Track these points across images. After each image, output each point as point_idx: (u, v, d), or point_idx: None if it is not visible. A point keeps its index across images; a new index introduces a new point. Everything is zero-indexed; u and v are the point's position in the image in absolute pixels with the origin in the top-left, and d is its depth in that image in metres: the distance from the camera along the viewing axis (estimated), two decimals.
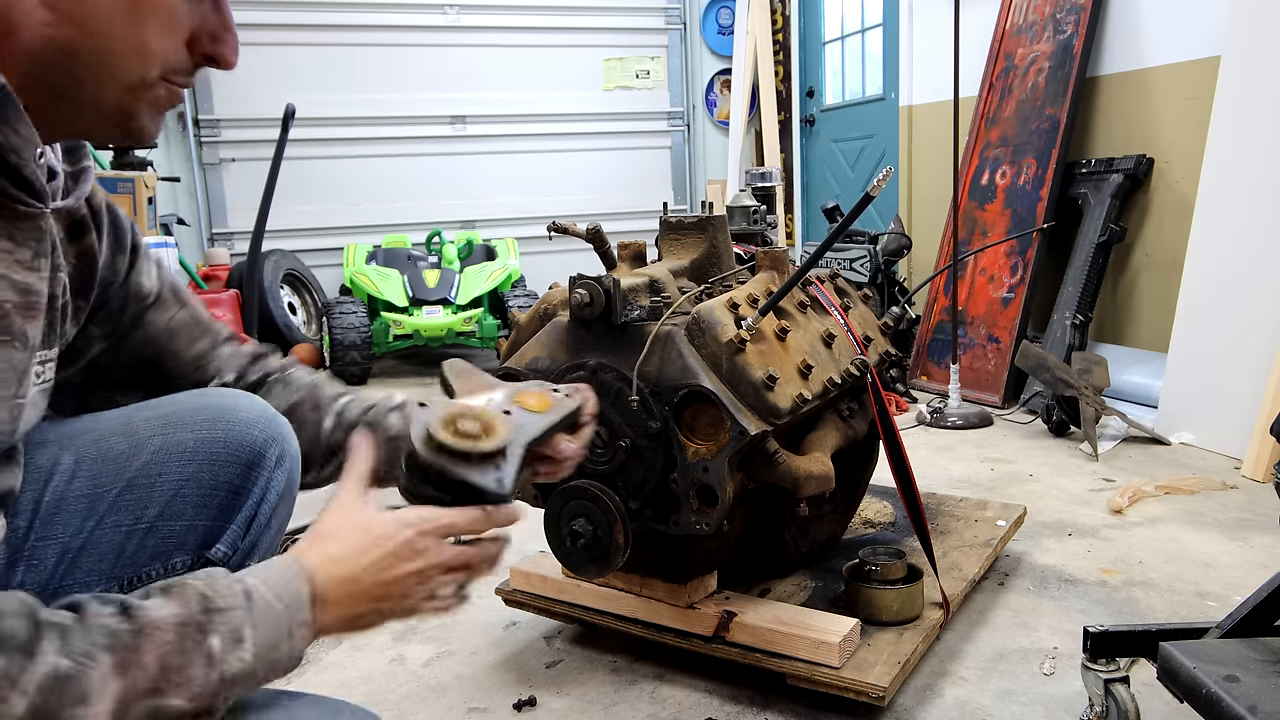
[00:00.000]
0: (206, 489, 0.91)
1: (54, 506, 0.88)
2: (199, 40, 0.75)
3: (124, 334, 0.96)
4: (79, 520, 0.88)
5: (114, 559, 0.88)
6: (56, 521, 0.87)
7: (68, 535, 0.87)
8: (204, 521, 0.91)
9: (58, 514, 0.87)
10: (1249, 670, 1.07)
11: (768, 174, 2.30)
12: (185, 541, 0.91)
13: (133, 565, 0.89)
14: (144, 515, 0.89)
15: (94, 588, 0.87)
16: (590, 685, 1.63)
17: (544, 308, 1.64)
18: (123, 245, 0.93)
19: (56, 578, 0.87)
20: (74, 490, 0.88)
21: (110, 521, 0.88)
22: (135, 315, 0.96)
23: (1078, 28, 3.59)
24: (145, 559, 0.89)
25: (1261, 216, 2.77)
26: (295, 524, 1.09)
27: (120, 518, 0.88)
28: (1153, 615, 1.81)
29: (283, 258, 4.98)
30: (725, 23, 6.21)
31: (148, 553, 0.89)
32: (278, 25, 5.30)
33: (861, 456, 1.85)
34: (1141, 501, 2.40)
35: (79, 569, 0.87)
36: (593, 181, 6.04)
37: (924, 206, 4.72)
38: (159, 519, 0.89)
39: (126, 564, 0.89)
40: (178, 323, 1.00)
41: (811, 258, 1.49)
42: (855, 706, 1.49)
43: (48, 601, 0.64)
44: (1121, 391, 3.31)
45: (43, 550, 0.86)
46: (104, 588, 0.88)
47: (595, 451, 1.48)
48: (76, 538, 0.87)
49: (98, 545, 0.88)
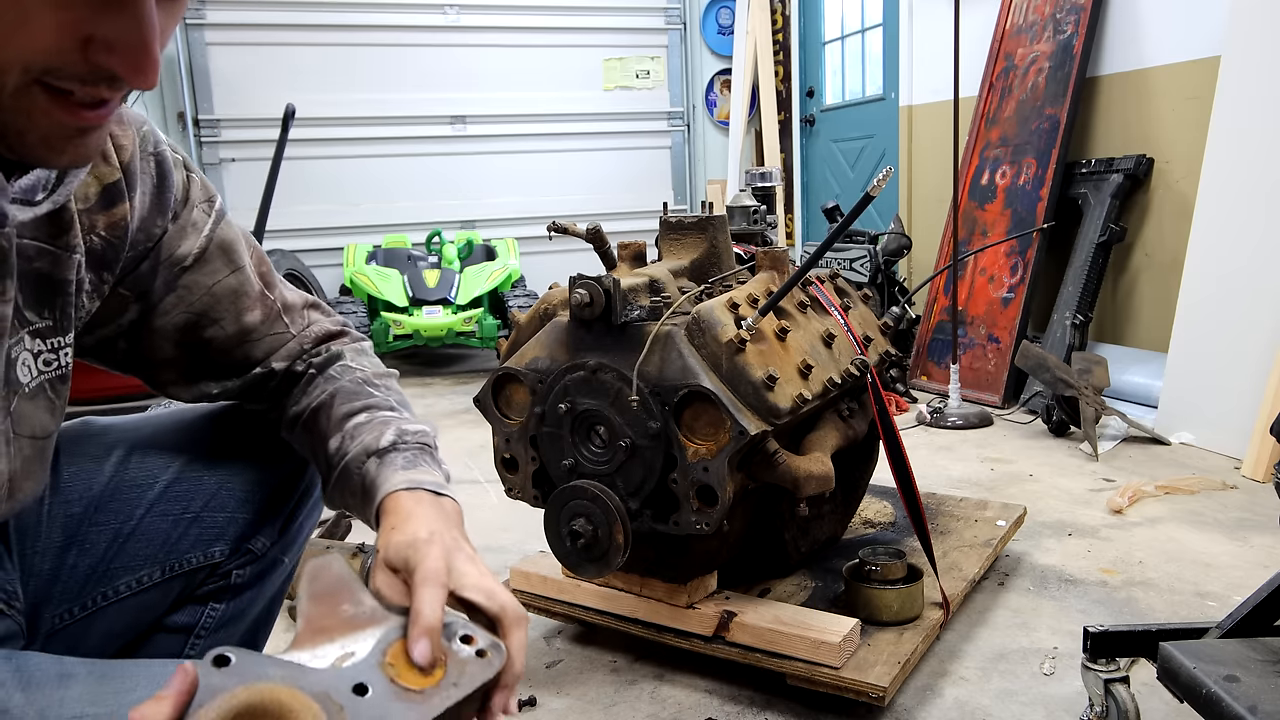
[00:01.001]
0: (249, 485, 0.97)
1: (109, 494, 0.92)
2: (94, 44, 0.57)
3: (157, 299, 0.89)
4: (130, 508, 0.93)
5: (160, 545, 0.94)
6: (110, 509, 0.92)
7: (119, 521, 0.92)
8: (245, 515, 0.97)
9: (111, 501, 0.92)
10: (1249, 670, 1.07)
11: (768, 174, 2.30)
12: (226, 532, 0.96)
13: (176, 552, 0.94)
14: (190, 506, 0.94)
15: (139, 572, 0.93)
16: (590, 685, 1.63)
17: (544, 308, 1.64)
18: (164, 206, 0.86)
19: (106, 560, 0.91)
20: (127, 480, 0.93)
21: (159, 510, 0.94)
22: (168, 280, 0.88)
23: (1078, 28, 3.59)
24: (188, 546, 0.95)
25: (1261, 216, 2.77)
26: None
27: (169, 507, 0.94)
28: (1153, 615, 1.81)
29: (283, 258, 4.97)
30: (725, 23, 6.21)
31: (190, 540, 0.94)
32: (278, 25, 5.30)
33: (861, 456, 1.85)
34: (1141, 501, 2.40)
35: (126, 553, 0.92)
36: (593, 181, 6.04)
37: (924, 206, 4.72)
38: (204, 510, 0.95)
39: (171, 550, 0.94)
40: (223, 288, 0.91)
41: (811, 258, 1.49)
42: (855, 706, 1.49)
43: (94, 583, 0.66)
44: (1121, 391, 3.31)
45: (95, 534, 0.91)
46: (146, 572, 0.93)
47: (595, 451, 1.48)
48: (127, 524, 0.92)
49: (146, 532, 0.93)
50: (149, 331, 0.90)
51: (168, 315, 0.90)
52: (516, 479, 1.60)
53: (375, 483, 0.84)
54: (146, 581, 0.93)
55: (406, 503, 0.81)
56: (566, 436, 1.49)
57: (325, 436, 0.91)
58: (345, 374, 0.96)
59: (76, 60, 0.57)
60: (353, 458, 0.87)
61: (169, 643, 0.98)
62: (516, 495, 1.63)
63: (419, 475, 0.84)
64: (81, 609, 0.90)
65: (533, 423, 1.54)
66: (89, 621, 0.91)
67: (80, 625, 0.90)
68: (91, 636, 0.91)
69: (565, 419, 1.49)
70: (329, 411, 0.92)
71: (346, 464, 0.88)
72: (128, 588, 0.92)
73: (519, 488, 1.61)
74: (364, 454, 0.87)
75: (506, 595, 0.74)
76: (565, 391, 1.48)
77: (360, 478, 0.86)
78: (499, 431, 1.60)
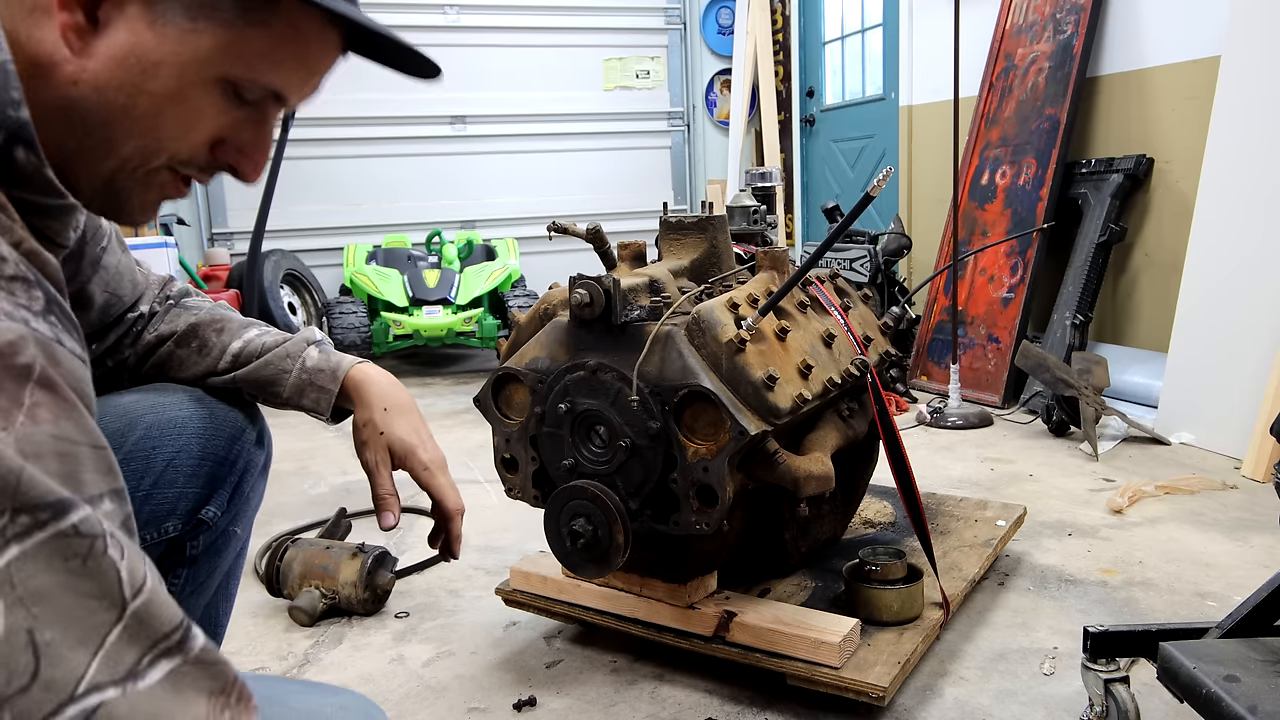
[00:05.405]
0: (196, 459, 1.00)
1: None
2: (225, 147, 0.71)
3: (85, 280, 0.98)
4: None
5: None
6: None
7: None
8: (194, 489, 1.01)
9: None
10: (1249, 670, 1.07)
11: (768, 174, 2.30)
12: (177, 507, 1.00)
13: None
14: (140, 485, 0.97)
15: None
16: (590, 685, 1.63)
17: (544, 308, 1.64)
18: None
19: None
20: None
21: None
22: (94, 259, 0.98)
23: (1078, 28, 3.59)
24: (141, 524, 0.96)
25: (1261, 217, 2.77)
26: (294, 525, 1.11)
27: None
28: (1153, 615, 1.81)
29: (283, 258, 4.98)
30: (725, 23, 6.21)
31: (143, 518, 0.97)
32: None
33: (861, 456, 1.85)
34: (1141, 501, 2.40)
35: None
36: (593, 181, 6.04)
37: (924, 206, 4.72)
38: (154, 488, 0.98)
39: None
40: (124, 265, 1.04)
41: (811, 258, 1.49)
42: (855, 706, 1.49)
43: None
44: (1121, 391, 3.31)
45: None
46: None
47: (595, 451, 1.48)
48: None
49: None
50: (79, 311, 0.97)
51: (94, 295, 0.99)
52: (516, 479, 1.60)
53: (332, 361, 1.07)
54: None
55: (372, 375, 1.08)
56: (566, 436, 1.49)
57: (231, 338, 1.06)
58: (203, 301, 1.12)
59: (205, 155, 0.70)
60: (291, 345, 1.06)
61: None
62: (516, 495, 1.63)
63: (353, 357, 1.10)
64: None
65: (533, 423, 1.54)
66: None
67: None
68: None
69: (565, 419, 1.49)
70: (220, 324, 1.08)
71: (281, 353, 1.06)
72: None
73: (519, 488, 1.61)
74: (297, 342, 1.07)
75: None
76: (565, 391, 1.48)
77: (301, 360, 1.06)
78: (499, 431, 1.60)
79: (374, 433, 1.04)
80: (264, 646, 1.83)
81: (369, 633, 1.87)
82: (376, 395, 1.06)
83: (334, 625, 1.90)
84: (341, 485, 2.88)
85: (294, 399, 1.06)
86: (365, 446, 1.04)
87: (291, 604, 1.91)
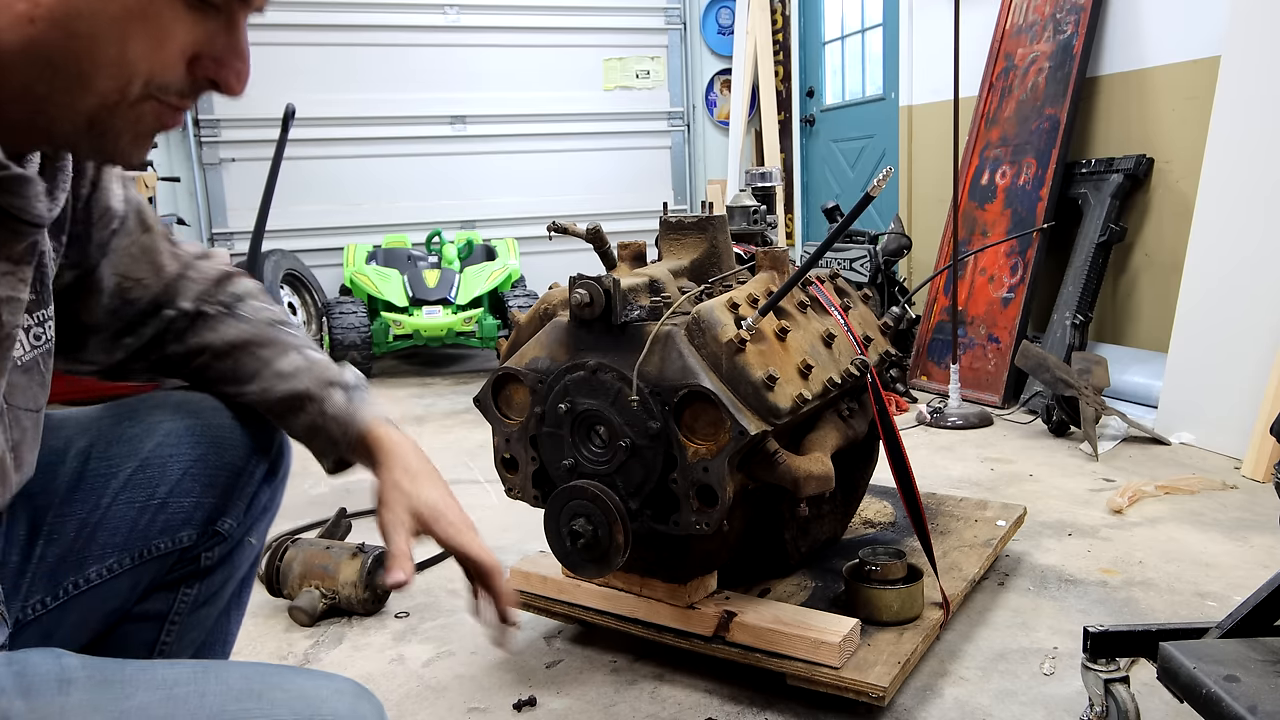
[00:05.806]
0: (213, 469, 0.98)
1: (74, 484, 0.93)
2: (202, 61, 0.67)
3: (94, 263, 0.93)
4: (95, 497, 0.94)
5: (127, 532, 0.94)
6: (75, 499, 0.93)
7: (85, 511, 0.93)
8: (210, 499, 0.98)
9: (77, 491, 0.93)
10: (1249, 670, 1.07)
11: (768, 174, 2.30)
12: (193, 517, 0.98)
13: (144, 539, 0.95)
14: (156, 492, 0.95)
15: (108, 560, 0.94)
16: (590, 685, 1.63)
17: (544, 308, 1.64)
18: (82, 169, 0.90)
19: (75, 550, 0.92)
20: (91, 469, 0.94)
21: (125, 498, 0.94)
22: (102, 241, 0.94)
23: (1078, 28, 3.59)
24: (156, 533, 0.96)
25: (1261, 216, 2.77)
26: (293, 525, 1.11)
27: (134, 495, 0.95)
28: (1153, 615, 1.81)
29: (283, 258, 4.97)
30: (725, 23, 6.21)
31: (159, 527, 0.95)
32: (278, 25, 5.29)
33: (861, 456, 1.85)
34: (1141, 501, 2.40)
35: (95, 542, 0.93)
36: (593, 181, 6.04)
37: (924, 206, 4.72)
38: (170, 496, 0.96)
39: (139, 538, 0.95)
40: (142, 247, 0.98)
41: (811, 258, 1.49)
42: (855, 706, 1.49)
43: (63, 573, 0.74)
44: (1121, 391, 3.30)
45: (62, 525, 0.92)
46: (116, 560, 0.94)
47: (595, 451, 1.48)
48: (94, 513, 0.93)
49: (114, 520, 0.94)
50: (87, 295, 0.94)
51: (104, 279, 0.95)
52: (516, 479, 1.60)
53: (350, 412, 1.01)
54: (117, 569, 0.94)
55: (395, 438, 1.00)
56: (566, 436, 1.49)
57: (264, 365, 1.01)
58: (259, 309, 1.05)
59: (182, 76, 0.67)
60: (313, 385, 1.00)
61: (143, 630, 0.99)
62: (516, 495, 1.63)
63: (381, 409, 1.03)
64: (53, 599, 0.91)
65: (533, 423, 1.54)
66: (61, 611, 0.91)
67: (53, 615, 0.91)
68: (65, 626, 0.92)
69: (565, 419, 1.49)
70: (263, 344, 1.02)
71: (304, 391, 1.00)
72: (98, 575, 0.93)
73: (519, 488, 1.61)
74: (324, 383, 1.00)
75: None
76: (565, 391, 1.48)
77: (321, 404, 1.00)
78: (499, 431, 1.60)
79: (398, 495, 0.98)
80: (264, 646, 1.83)
81: (369, 633, 1.87)
82: (400, 456, 1.00)
83: (334, 625, 1.90)
84: (341, 485, 2.87)
85: (304, 438, 1.03)
86: (386, 507, 0.97)
87: (291, 604, 1.91)
